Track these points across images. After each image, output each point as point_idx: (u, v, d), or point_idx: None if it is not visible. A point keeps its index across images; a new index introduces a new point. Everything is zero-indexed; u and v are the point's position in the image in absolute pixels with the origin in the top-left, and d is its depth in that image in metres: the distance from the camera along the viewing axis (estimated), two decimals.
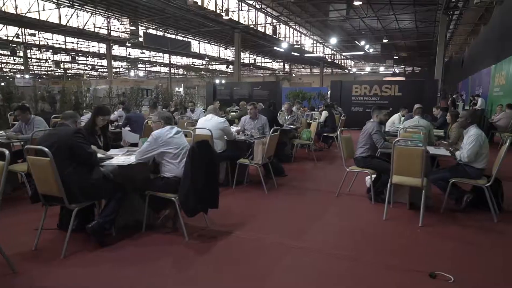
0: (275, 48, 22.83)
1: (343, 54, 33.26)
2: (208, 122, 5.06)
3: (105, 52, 27.71)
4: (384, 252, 3.27)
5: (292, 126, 7.60)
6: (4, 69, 40.57)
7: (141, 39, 21.30)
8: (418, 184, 3.94)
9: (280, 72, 40.89)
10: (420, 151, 3.81)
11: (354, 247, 3.36)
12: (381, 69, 39.00)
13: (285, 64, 41.05)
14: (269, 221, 4.04)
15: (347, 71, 40.64)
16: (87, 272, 2.83)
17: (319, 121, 8.94)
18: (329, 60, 32.22)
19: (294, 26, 25.13)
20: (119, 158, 3.54)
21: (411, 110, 8.06)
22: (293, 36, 25.88)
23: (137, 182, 3.57)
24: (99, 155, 3.48)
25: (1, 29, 24.36)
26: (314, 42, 27.69)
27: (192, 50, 30.46)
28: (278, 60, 38.10)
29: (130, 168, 3.48)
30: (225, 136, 5.20)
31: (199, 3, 18.73)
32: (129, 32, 24.43)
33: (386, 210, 4.13)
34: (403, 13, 19.43)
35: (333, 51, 31.93)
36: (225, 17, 17.94)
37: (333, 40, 24.17)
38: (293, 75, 43.78)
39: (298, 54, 25.84)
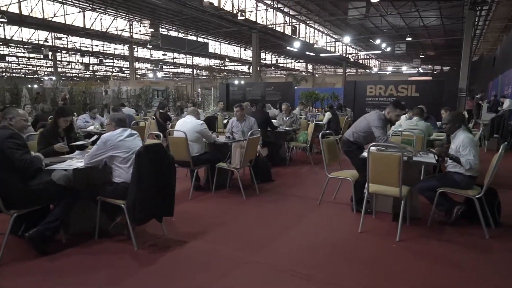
0: (288, 47, 22.42)
1: (365, 53, 32.22)
2: (185, 125, 4.88)
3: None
4: (345, 270, 2.95)
5: (289, 128, 7.30)
6: (39, 71, 42.61)
7: None
8: (396, 194, 3.56)
9: (303, 73, 40.31)
10: (396, 157, 3.43)
11: (315, 264, 3.05)
12: (406, 69, 37.57)
13: (308, 65, 40.40)
14: (234, 231, 3.80)
15: (368, 70, 39.44)
16: (16, 283, 2.70)
17: (323, 122, 8.59)
18: (351, 60, 31.31)
19: (314, 26, 24.63)
20: (71, 162, 3.42)
21: (432, 113, 7.57)
22: (313, 36, 25.35)
23: (89, 187, 3.43)
24: (49, 159, 3.38)
25: (33, 34, 25.53)
26: (333, 41, 27.00)
27: (213, 52, 30.77)
28: (301, 61, 37.54)
29: (82, 173, 3.36)
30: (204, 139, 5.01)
31: (215, 4, 18.72)
32: (150, 34, 24.84)
33: (362, 221, 3.77)
34: (427, 10, 18.48)
35: (356, 50, 31.04)
36: (240, 18, 17.74)
37: (347, 39, 23.46)
38: (316, 75, 43.06)
39: (314, 54, 25.25)
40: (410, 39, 22.25)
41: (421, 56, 29.20)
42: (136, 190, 3.08)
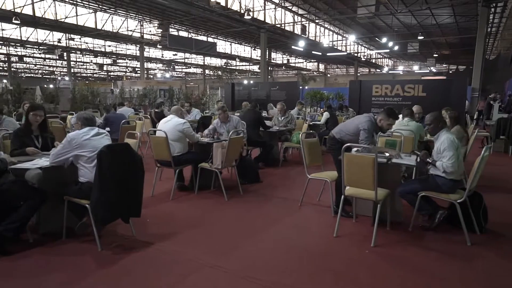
0: (293, 47, 22.20)
1: (376, 51, 31.62)
2: (166, 124, 4.82)
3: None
4: (311, 277, 2.82)
5: (283, 128, 7.17)
6: (55, 72, 43.57)
7: None
8: (371, 197, 3.41)
9: (314, 73, 39.94)
10: (370, 159, 3.28)
11: (281, 270, 2.93)
12: (418, 68, 36.76)
13: (320, 64, 40.00)
14: (206, 233, 3.70)
15: (379, 70, 38.74)
16: None
17: (320, 123, 8.43)
18: (362, 59, 30.80)
19: (324, 24, 24.35)
20: (38, 160, 3.40)
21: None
22: (324, 35, 25.06)
23: (59, 186, 3.39)
24: (17, 158, 3.37)
25: (48, 36, 26.10)
26: (341, 39, 26.61)
27: (224, 52, 30.82)
28: (312, 60, 37.21)
29: (51, 172, 3.34)
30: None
31: (222, 4, 18.71)
32: (160, 35, 25.04)
33: (337, 225, 3.63)
34: (439, 7, 18.01)
35: (368, 49, 30.53)
36: (246, 17, 17.66)
37: (352, 37, 23.03)
38: (328, 75, 42.61)
39: (320, 53, 24.94)
40: (422, 37, 21.70)
41: (434, 55, 28.47)
42: (98, 190, 3.03)
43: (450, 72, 35.17)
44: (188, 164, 5.00)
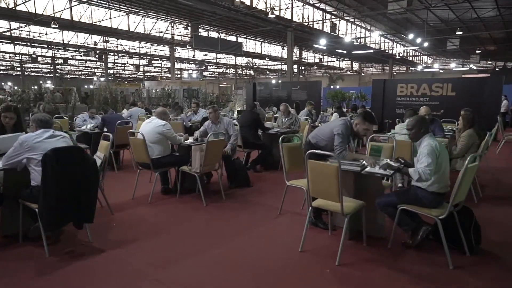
0: (314, 45, 21.54)
1: (412, 48, 29.93)
2: (146, 126, 4.72)
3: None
4: None
5: (283, 130, 6.85)
6: (96, 73, 45.77)
7: None
8: (337, 209, 3.06)
9: (348, 72, 38.73)
10: (334, 168, 2.93)
11: (225, 287, 2.69)
12: (455, 66, 34.48)
13: (354, 63, 38.72)
14: (163, 241, 3.52)
15: (413, 68, 36.75)
16: None
17: None
18: (397, 57, 29.31)
19: (355, 22, 23.46)
20: None
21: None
22: (354, 33, 24.15)
23: (13, 188, 3.36)
24: None
25: (86, 39, 27.43)
26: (369, 36, 25.46)
27: (254, 51, 30.68)
28: (346, 59, 36.07)
29: (6, 174, 3.31)
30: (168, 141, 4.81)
31: (247, 3, 18.55)
32: (190, 35, 25.39)
33: (303, 239, 3.30)
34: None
35: (403, 46, 28.99)
36: (270, 16, 17.38)
37: (375, 35, 21.95)
38: (363, 74, 41.17)
39: (345, 52, 24.01)
40: (461, 33, 20.21)
41: (477, 52, 26.48)
42: (42, 195, 2.95)
43: (497, 69, 32.62)
44: (169, 167, 4.87)
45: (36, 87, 10.53)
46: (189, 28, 22.77)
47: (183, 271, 2.92)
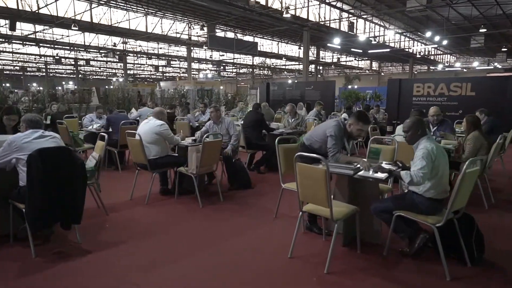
0: (328, 44, 21.16)
1: (433, 46, 28.97)
2: (143, 126, 4.70)
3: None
4: None
5: (289, 131, 6.71)
6: (117, 74, 46.77)
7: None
8: (327, 214, 2.91)
9: (367, 71, 37.99)
10: (321, 171, 2.79)
11: None
12: (478, 64, 33.20)
13: (373, 63, 37.93)
14: (152, 244, 3.46)
15: (433, 67, 35.59)
16: None
17: None
18: (418, 56, 28.46)
19: (374, 20, 22.94)
20: None
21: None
22: (373, 31, 23.62)
23: (4, 189, 3.38)
24: None
25: (107, 40, 28.05)
26: (385, 34, 24.81)
27: (270, 51, 30.55)
28: (365, 58, 35.38)
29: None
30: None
31: (262, 3, 18.44)
32: (206, 36, 25.52)
33: (292, 246, 3.18)
34: None
35: (424, 45, 28.13)
36: (285, 15, 17.21)
37: (390, 33, 21.31)
38: (382, 73, 40.30)
39: (361, 51, 23.48)
40: (485, 30, 19.42)
41: (503, 50, 25.38)
42: (27, 195, 2.95)
43: None
44: (166, 167, 4.83)
45: (50, 89, 10.81)
46: (205, 28, 22.92)
47: (166, 276, 2.85)
